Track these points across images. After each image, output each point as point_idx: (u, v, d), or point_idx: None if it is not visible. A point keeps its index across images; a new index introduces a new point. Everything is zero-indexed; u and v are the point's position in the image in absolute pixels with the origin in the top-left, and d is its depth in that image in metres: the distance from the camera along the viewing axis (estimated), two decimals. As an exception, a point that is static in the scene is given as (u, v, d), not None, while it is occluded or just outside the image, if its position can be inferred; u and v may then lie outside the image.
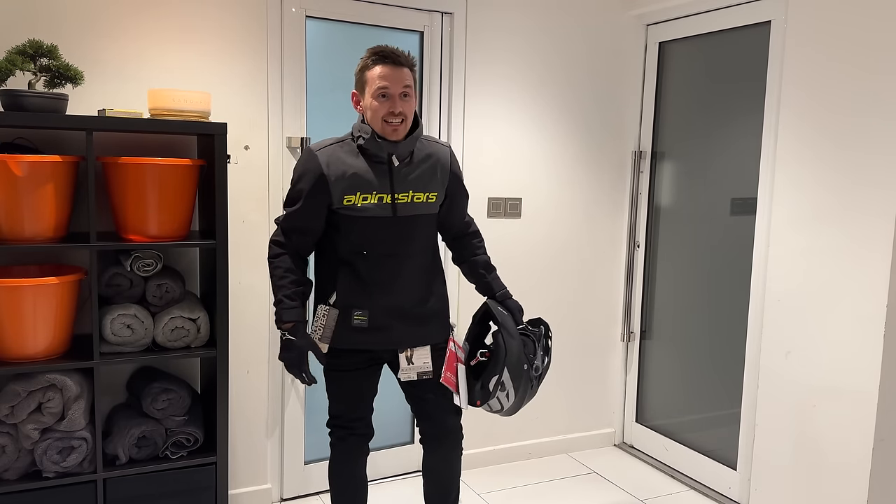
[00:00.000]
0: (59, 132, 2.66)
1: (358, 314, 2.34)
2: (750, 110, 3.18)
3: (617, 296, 3.91)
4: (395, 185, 2.32)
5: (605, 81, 3.73)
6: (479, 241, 2.62)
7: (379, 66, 2.27)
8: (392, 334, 2.39)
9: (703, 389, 3.53)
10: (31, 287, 2.41)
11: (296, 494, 3.27)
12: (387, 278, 2.35)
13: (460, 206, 2.55)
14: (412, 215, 2.35)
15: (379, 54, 2.29)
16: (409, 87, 2.29)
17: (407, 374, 2.42)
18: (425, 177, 2.38)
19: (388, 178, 2.32)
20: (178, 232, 2.65)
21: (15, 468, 2.46)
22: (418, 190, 2.36)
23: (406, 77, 2.29)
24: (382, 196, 2.31)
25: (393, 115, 2.27)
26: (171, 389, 2.68)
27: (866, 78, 2.64)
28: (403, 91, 2.28)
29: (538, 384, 2.50)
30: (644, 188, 3.81)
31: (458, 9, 3.32)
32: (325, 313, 2.35)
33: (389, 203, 2.31)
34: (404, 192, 2.33)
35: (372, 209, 2.30)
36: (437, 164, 2.42)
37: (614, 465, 3.74)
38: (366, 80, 2.30)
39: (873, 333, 2.63)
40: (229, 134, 2.81)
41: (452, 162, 2.48)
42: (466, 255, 2.59)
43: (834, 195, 2.76)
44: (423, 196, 2.37)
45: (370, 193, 2.30)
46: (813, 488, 2.87)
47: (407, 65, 2.30)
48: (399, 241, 2.35)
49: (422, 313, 2.42)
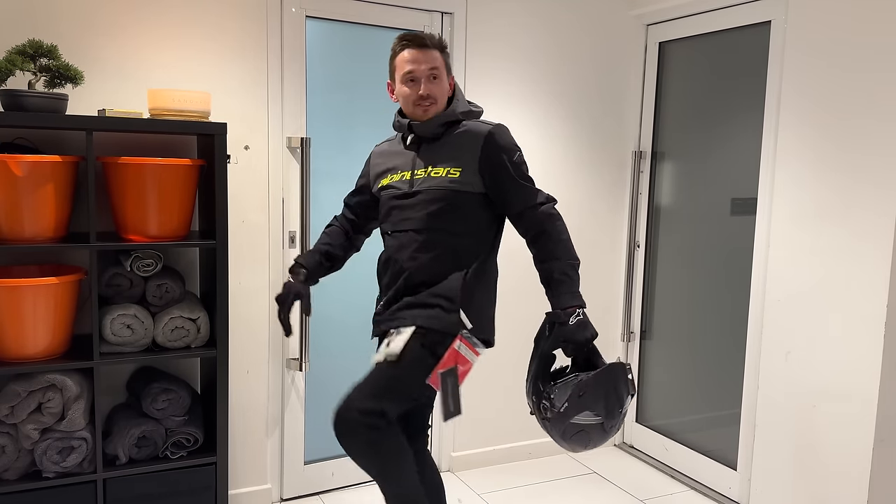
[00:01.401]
0: (59, 132, 2.66)
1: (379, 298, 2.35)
2: (750, 110, 3.18)
3: (617, 296, 3.91)
4: (417, 163, 2.26)
5: (605, 81, 3.72)
6: (555, 241, 2.21)
7: (406, 51, 2.23)
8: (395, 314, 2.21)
9: (703, 389, 3.53)
10: (31, 287, 2.41)
11: (296, 494, 3.27)
12: (401, 257, 2.22)
13: (509, 190, 2.21)
14: (428, 189, 2.20)
15: (405, 38, 2.25)
16: (436, 68, 2.22)
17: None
18: (448, 151, 2.23)
19: (413, 157, 2.28)
20: (178, 232, 2.65)
21: (15, 468, 2.46)
22: (438, 164, 2.21)
23: (433, 59, 2.22)
24: (404, 174, 2.27)
25: (421, 98, 2.21)
26: (171, 389, 2.68)
27: (866, 77, 2.64)
28: (431, 73, 2.21)
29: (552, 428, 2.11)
30: (644, 188, 3.81)
31: (458, 9, 3.32)
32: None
33: (409, 179, 2.26)
34: (423, 168, 2.24)
35: (396, 185, 2.28)
36: (466, 140, 2.22)
37: (614, 465, 3.74)
38: (395, 67, 2.28)
39: (873, 334, 2.63)
40: (229, 134, 2.80)
41: (489, 139, 2.20)
42: (535, 261, 2.24)
43: (834, 195, 2.76)
44: (442, 171, 2.20)
45: (396, 173, 2.29)
46: (813, 488, 2.87)
47: (434, 46, 2.24)
48: (413, 217, 2.21)
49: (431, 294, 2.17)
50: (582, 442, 2.11)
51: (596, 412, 2.05)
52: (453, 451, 3.58)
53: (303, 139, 3.04)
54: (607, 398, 2.07)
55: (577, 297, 2.17)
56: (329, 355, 3.29)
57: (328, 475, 3.33)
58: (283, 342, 3.16)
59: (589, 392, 2.06)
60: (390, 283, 2.26)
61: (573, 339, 2.12)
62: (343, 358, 3.28)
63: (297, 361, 3.15)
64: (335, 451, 3.36)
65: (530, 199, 2.23)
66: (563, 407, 2.04)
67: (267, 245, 3.07)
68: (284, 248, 3.10)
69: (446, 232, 2.20)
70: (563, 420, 2.06)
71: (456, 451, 3.58)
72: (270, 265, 3.08)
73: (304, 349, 3.12)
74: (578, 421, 2.05)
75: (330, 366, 3.30)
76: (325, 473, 3.33)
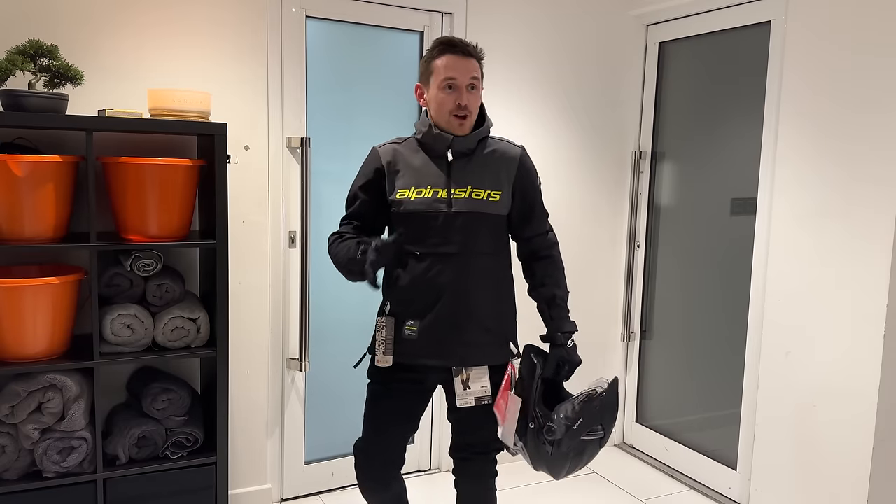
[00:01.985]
0: (59, 132, 2.66)
1: (409, 324, 2.18)
2: (750, 110, 3.18)
3: (617, 296, 3.90)
4: (453, 180, 2.17)
5: (606, 81, 3.72)
6: (551, 269, 2.29)
7: (446, 56, 2.16)
8: (444, 348, 2.18)
9: (703, 389, 3.53)
10: (31, 287, 2.41)
11: (296, 494, 3.27)
12: (439, 283, 2.16)
13: (533, 215, 2.29)
14: (470, 212, 2.16)
15: (446, 44, 2.18)
16: (476, 78, 2.18)
17: (464, 400, 2.18)
18: (488, 173, 2.21)
19: (445, 173, 2.18)
20: (178, 232, 2.65)
21: (15, 468, 2.46)
22: (478, 186, 2.18)
23: (474, 68, 2.17)
24: (438, 191, 2.16)
25: (459, 108, 2.15)
26: (171, 389, 2.68)
27: (866, 77, 2.64)
28: (471, 83, 2.16)
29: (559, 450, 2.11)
30: (644, 188, 3.81)
31: (458, 9, 3.32)
32: (384, 324, 2.20)
33: (445, 198, 2.16)
34: (462, 188, 2.17)
35: (425, 203, 2.15)
36: (502, 162, 2.23)
37: (614, 465, 3.74)
38: (432, 71, 2.18)
39: (873, 333, 2.63)
40: (229, 134, 2.80)
41: (524, 160, 2.27)
42: (534, 283, 2.30)
43: (834, 195, 2.76)
44: (483, 193, 2.18)
45: (425, 188, 2.16)
46: (813, 488, 2.87)
47: (475, 56, 2.19)
48: (455, 241, 2.16)
49: (481, 327, 2.20)
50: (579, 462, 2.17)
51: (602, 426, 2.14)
52: (453, 451, 3.57)
53: (303, 139, 3.04)
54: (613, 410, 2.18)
55: (572, 323, 2.28)
56: (329, 355, 3.29)
57: (328, 475, 3.33)
58: (283, 342, 3.16)
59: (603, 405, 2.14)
60: (427, 310, 2.18)
61: (571, 361, 2.23)
62: (343, 358, 3.28)
63: (297, 361, 3.15)
64: (335, 451, 3.36)
65: (545, 224, 2.33)
66: (578, 423, 2.09)
67: (267, 245, 3.07)
68: (284, 248, 3.10)
69: (486, 255, 2.22)
70: (573, 437, 2.10)
71: (456, 451, 3.58)
72: (270, 265, 3.08)
73: (304, 349, 3.12)
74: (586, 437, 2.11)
75: (330, 366, 3.30)
76: (325, 473, 3.33)
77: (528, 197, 2.28)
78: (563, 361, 2.22)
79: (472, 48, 2.19)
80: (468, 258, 2.18)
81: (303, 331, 3.12)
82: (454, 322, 2.18)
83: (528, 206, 2.28)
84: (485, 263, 2.21)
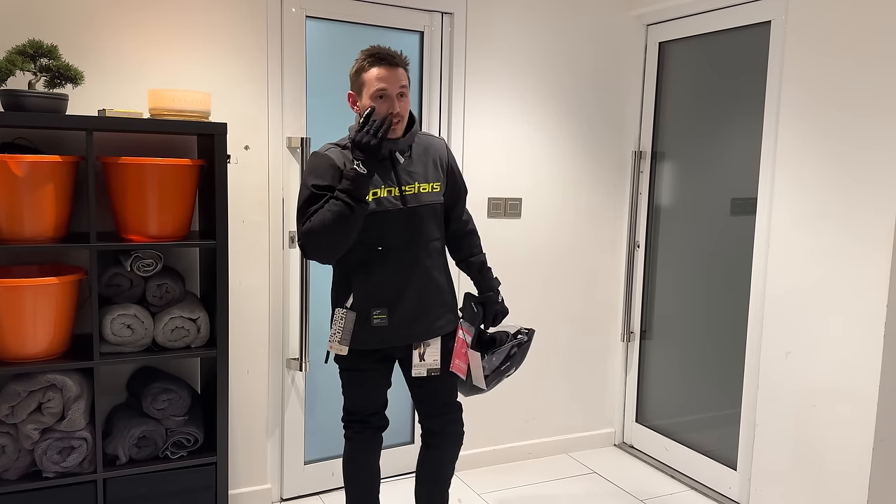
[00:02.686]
0: (59, 132, 2.66)
1: (377, 313, 2.39)
2: (750, 110, 3.18)
3: (617, 296, 3.91)
4: (400, 178, 2.39)
5: (606, 81, 3.73)
6: (476, 240, 2.68)
7: (375, 68, 2.32)
8: (412, 330, 2.44)
9: (703, 389, 3.53)
10: (31, 287, 2.41)
11: (296, 494, 3.27)
12: (403, 272, 2.40)
13: (460, 199, 2.61)
14: (421, 205, 2.41)
15: (375, 56, 2.33)
16: (405, 86, 2.35)
17: (418, 370, 2.48)
18: (427, 168, 2.46)
19: (392, 173, 2.39)
20: (178, 232, 2.65)
21: (15, 468, 2.46)
22: (423, 181, 2.43)
23: (402, 77, 2.34)
24: (391, 189, 2.37)
25: (392, 116, 2.30)
26: (171, 389, 2.68)
27: (866, 77, 2.64)
28: (400, 91, 2.34)
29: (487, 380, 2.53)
30: (644, 188, 3.81)
31: (458, 9, 3.33)
32: (343, 316, 2.39)
33: (398, 195, 2.38)
34: (410, 185, 2.40)
35: (384, 202, 2.35)
36: (435, 156, 2.50)
37: (614, 465, 3.74)
38: (363, 83, 2.34)
39: (873, 333, 2.63)
40: (229, 134, 2.81)
41: (449, 154, 2.56)
42: (465, 254, 2.65)
43: (834, 195, 2.76)
44: (427, 186, 2.44)
45: (380, 188, 2.35)
46: (813, 488, 2.87)
47: (402, 65, 2.36)
48: (411, 233, 2.40)
49: (437, 305, 2.49)
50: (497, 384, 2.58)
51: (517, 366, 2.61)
52: (453, 451, 3.58)
53: (303, 139, 3.04)
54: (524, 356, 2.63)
55: (497, 280, 2.66)
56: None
57: (328, 475, 3.33)
58: (283, 342, 3.16)
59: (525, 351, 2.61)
60: (395, 299, 2.40)
61: (503, 311, 2.65)
62: (343, 358, 3.29)
63: (297, 361, 3.15)
64: (335, 451, 3.36)
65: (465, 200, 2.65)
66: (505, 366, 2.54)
67: (267, 245, 3.07)
68: (284, 248, 3.11)
69: (436, 240, 2.50)
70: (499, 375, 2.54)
71: (456, 451, 3.58)
72: (270, 265, 3.08)
73: (304, 349, 3.13)
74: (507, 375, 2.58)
75: (330, 366, 3.30)
76: (325, 473, 3.33)
77: (457, 182, 2.58)
78: (497, 313, 2.62)
79: (399, 59, 2.35)
80: (424, 246, 2.44)
81: (303, 331, 3.12)
82: (422, 306, 2.44)
83: (457, 191, 2.58)
84: (436, 247, 2.50)
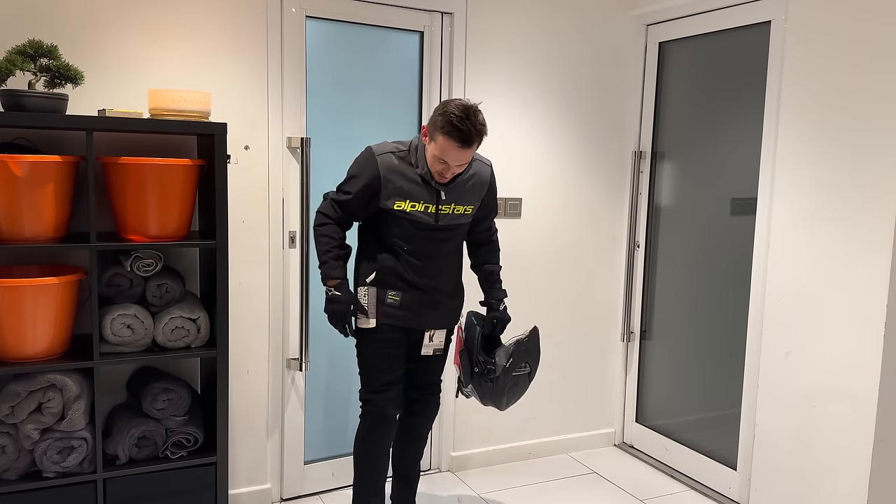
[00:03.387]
0: (59, 132, 2.66)
1: (392, 294, 2.63)
2: (750, 110, 3.18)
3: (617, 296, 3.91)
4: (440, 199, 2.62)
5: (605, 81, 3.73)
6: (495, 251, 2.92)
7: (451, 140, 2.44)
8: (423, 318, 2.70)
9: (703, 389, 3.53)
10: (31, 287, 2.41)
11: (296, 494, 3.27)
12: (422, 273, 2.65)
13: (489, 217, 2.86)
14: (450, 224, 2.66)
15: (457, 130, 2.42)
16: (465, 163, 2.55)
17: (426, 350, 2.77)
18: (467, 193, 2.67)
19: (434, 193, 2.61)
20: (178, 232, 2.65)
21: (15, 468, 2.46)
22: (459, 203, 2.66)
23: (468, 156, 2.52)
24: (428, 206, 2.60)
25: (442, 176, 2.55)
26: (171, 389, 2.68)
27: (866, 78, 2.64)
28: (460, 166, 2.55)
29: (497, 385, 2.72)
30: (644, 188, 3.81)
31: (458, 9, 3.32)
32: (366, 293, 2.65)
33: (434, 213, 2.61)
34: (447, 206, 2.63)
35: (419, 215, 2.59)
36: (477, 181, 2.71)
37: (614, 465, 3.74)
38: (436, 138, 2.48)
39: (873, 333, 2.64)
40: (229, 134, 2.80)
41: (492, 179, 2.78)
42: (480, 260, 2.91)
43: (834, 195, 2.76)
44: (461, 209, 2.67)
45: (418, 202, 2.59)
46: (813, 488, 2.87)
47: (476, 143, 2.48)
48: (436, 244, 2.65)
49: (448, 304, 2.76)
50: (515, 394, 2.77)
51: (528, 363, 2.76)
52: (453, 451, 3.58)
53: (303, 139, 3.04)
54: (536, 352, 2.80)
55: (504, 291, 2.90)
56: (329, 355, 3.30)
57: (328, 475, 3.33)
58: (283, 342, 3.16)
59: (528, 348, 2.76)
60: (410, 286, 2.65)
61: (503, 319, 2.86)
62: (343, 358, 3.28)
63: (297, 361, 3.15)
64: (335, 451, 3.37)
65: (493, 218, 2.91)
66: (510, 362, 2.70)
67: (267, 245, 3.07)
68: (284, 248, 3.11)
69: (458, 252, 2.79)
70: (507, 374, 2.71)
71: (456, 451, 3.58)
72: (270, 265, 3.08)
73: (304, 349, 3.13)
74: (516, 372, 2.72)
75: (330, 366, 3.30)
76: (325, 473, 3.33)
77: (490, 206, 2.83)
78: (497, 320, 2.84)
79: (476, 137, 2.46)
80: (444, 257, 2.71)
81: (303, 331, 3.12)
82: (433, 298, 2.69)
83: (488, 212, 2.83)
84: (455, 258, 2.77)
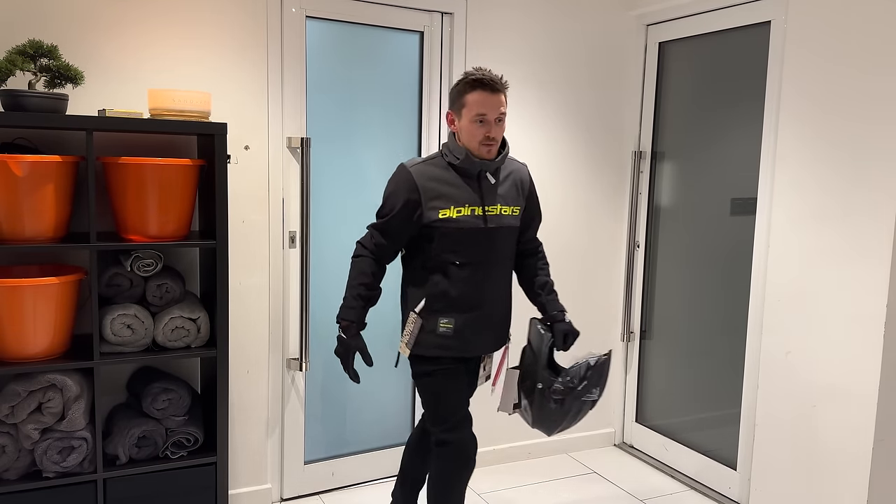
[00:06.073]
0: (59, 132, 2.66)
1: (444, 322, 2.45)
2: (750, 110, 3.18)
3: (617, 296, 3.91)
4: (485, 199, 2.46)
5: (605, 81, 3.73)
6: (544, 262, 2.73)
7: (477, 92, 2.37)
8: (479, 342, 2.52)
9: (703, 389, 3.53)
10: (31, 287, 2.41)
11: (296, 494, 3.27)
12: (475, 287, 2.47)
13: (534, 223, 2.69)
14: (500, 226, 2.49)
15: (478, 80, 2.38)
16: (503, 112, 2.42)
17: (480, 381, 2.63)
18: (510, 192, 2.54)
19: (478, 192, 2.46)
20: (178, 232, 2.65)
21: (15, 468, 2.46)
22: (505, 203, 2.51)
23: (501, 103, 2.41)
24: (475, 208, 2.44)
25: (488, 139, 2.40)
26: (171, 389, 2.68)
27: (866, 78, 2.64)
28: (498, 117, 2.40)
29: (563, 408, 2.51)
30: (644, 188, 3.81)
31: (458, 9, 3.32)
32: (414, 321, 2.47)
33: (481, 214, 2.45)
34: (493, 205, 2.47)
35: (466, 220, 2.42)
36: (517, 180, 2.58)
37: (614, 465, 3.74)
38: (464, 104, 2.40)
39: (873, 333, 2.63)
40: (229, 134, 2.80)
41: (531, 180, 2.65)
42: (530, 273, 2.69)
43: (834, 195, 2.76)
44: (508, 209, 2.52)
45: (464, 206, 2.43)
46: (813, 488, 2.87)
47: (502, 90, 2.42)
48: (488, 251, 2.48)
49: (501, 321, 2.60)
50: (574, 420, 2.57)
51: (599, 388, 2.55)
52: (453, 451, 3.57)
53: (303, 139, 3.04)
54: (606, 379, 2.60)
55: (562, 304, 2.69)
56: (329, 355, 3.29)
57: (328, 475, 3.33)
58: (284, 342, 3.16)
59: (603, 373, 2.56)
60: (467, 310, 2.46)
61: (575, 333, 2.63)
62: (343, 358, 3.29)
63: (297, 361, 3.15)
64: (335, 450, 3.37)
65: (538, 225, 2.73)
66: (583, 385, 2.50)
67: (267, 245, 3.07)
68: (284, 248, 3.11)
69: (509, 260, 2.59)
70: (577, 398, 2.50)
71: (456, 451, 3.58)
72: (270, 265, 3.08)
73: (304, 349, 3.13)
74: (585, 398, 2.51)
75: (330, 366, 3.30)
76: (325, 473, 3.33)
77: (534, 208, 2.67)
78: (568, 333, 2.61)
79: (500, 84, 2.41)
80: (499, 264, 2.53)
81: (303, 331, 3.12)
82: (491, 320, 2.53)
83: (532, 216, 2.66)
84: (507, 267, 2.59)
